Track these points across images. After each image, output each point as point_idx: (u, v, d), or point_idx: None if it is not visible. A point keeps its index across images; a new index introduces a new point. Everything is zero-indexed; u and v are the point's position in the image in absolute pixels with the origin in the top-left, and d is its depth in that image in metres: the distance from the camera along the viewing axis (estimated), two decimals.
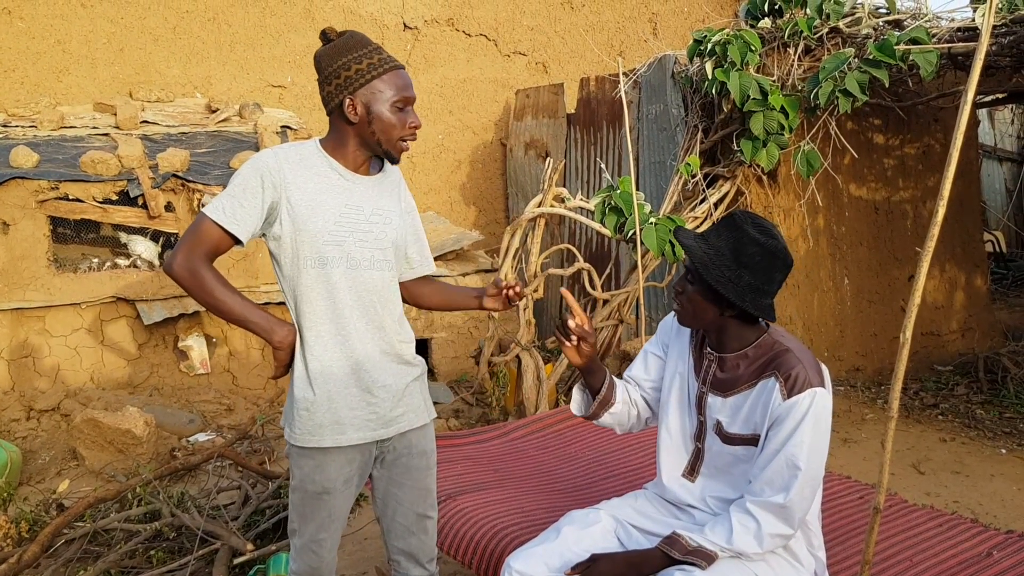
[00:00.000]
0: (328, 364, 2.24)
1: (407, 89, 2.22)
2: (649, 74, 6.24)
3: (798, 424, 2.07)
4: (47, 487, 4.72)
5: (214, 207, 2.17)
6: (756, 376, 2.19)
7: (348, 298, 2.24)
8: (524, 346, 5.30)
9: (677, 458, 2.39)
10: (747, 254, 2.13)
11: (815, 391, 2.08)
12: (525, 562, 2.28)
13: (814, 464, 2.08)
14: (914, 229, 6.58)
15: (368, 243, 2.27)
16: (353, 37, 2.22)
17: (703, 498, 2.33)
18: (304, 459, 2.28)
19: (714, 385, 2.28)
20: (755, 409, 2.18)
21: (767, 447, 2.13)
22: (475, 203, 8.64)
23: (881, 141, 6.42)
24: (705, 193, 5.59)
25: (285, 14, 7.71)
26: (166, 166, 5.76)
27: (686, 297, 2.22)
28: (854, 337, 6.31)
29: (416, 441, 2.40)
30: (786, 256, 2.18)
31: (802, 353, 2.16)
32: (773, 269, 2.16)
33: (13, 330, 5.51)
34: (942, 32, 4.79)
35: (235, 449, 4.95)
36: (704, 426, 2.32)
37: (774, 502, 2.08)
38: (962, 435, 5.23)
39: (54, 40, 7.05)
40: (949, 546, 2.73)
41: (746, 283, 2.13)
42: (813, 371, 2.12)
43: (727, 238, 2.17)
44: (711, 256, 2.16)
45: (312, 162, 2.25)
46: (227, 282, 2.19)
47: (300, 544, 2.35)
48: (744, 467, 2.23)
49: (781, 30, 5.26)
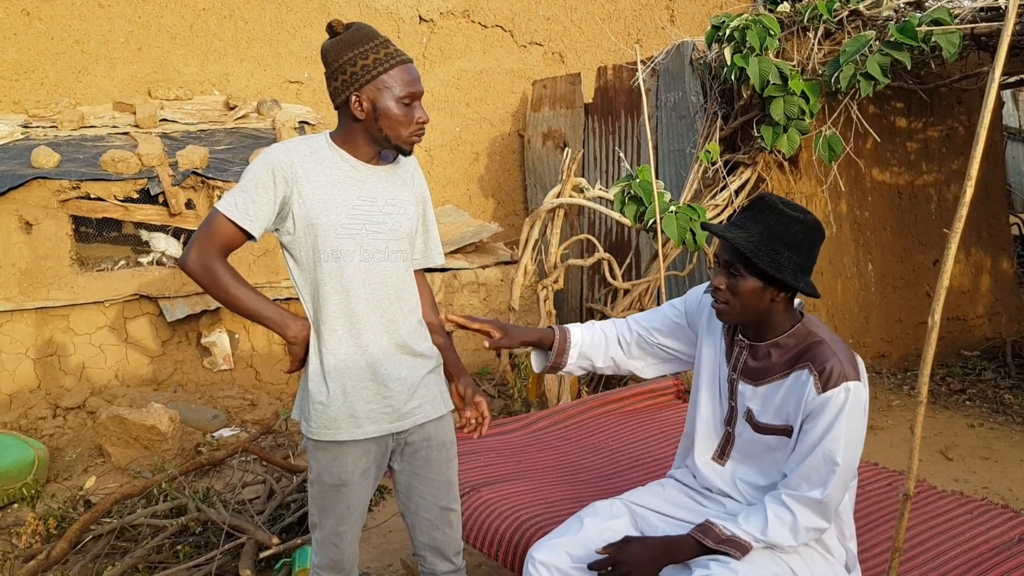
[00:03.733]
0: (342, 358, 2.23)
1: (414, 84, 2.19)
2: (667, 61, 6.19)
3: (834, 419, 2.04)
4: (74, 484, 4.76)
5: (226, 203, 2.17)
6: (789, 367, 2.15)
7: (362, 291, 2.22)
8: None
9: (707, 441, 2.36)
10: (790, 233, 2.08)
11: (850, 385, 2.04)
12: (548, 553, 2.27)
13: (850, 458, 2.05)
14: (938, 213, 6.49)
15: (383, 234, 2.25)
16: (360, 31, 2.18)
17: (733, 482, 2.30)
18: (321, 452, 2.28)
19: (745, 373, 2.24)
20: (788, 401, 2.15)
21: (803, 441, 2.09)
22: (494, 195, 8.62)
23: (904, 124, 6.34)
24: (725, 180, 5.54)
25: (301, 9, 7.72)
26: (186, 164, 5.79)
27: (730, 292, 2.14)
28: (879, 323, 6.24)
29: (434, 433, 2.39)
30: (821, 227, 2.15)
31: (836, 345, 2.12)
32: (815, 244, 2.13)
33: (38, 329, 5.56)
34: (965, 13, 4.71)
35: (259, 444, 4.98)
36: (735, 412, 2.28)
37: (811, 497, 2.05)
38: (990, 420, 5.17)
39: (73, 40, 7.09)
40: (979, 532, 2.70)
41: (795, 263, 2.09)
42: (848, 364, 2.08)
43: (764, 222, 2.11)
44: (755, 243, 2.09)
45: (323, 155, 2.23)
46: (241, 277, 2.20)
47: (321, 537, 2.36)
48: (775, 456, 2.20)
49: (800, 14, 5.19)
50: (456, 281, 6.45)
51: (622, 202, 5.23)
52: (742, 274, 2.12)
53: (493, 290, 6.55)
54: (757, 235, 2.10)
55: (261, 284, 5.89)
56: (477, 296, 6.51)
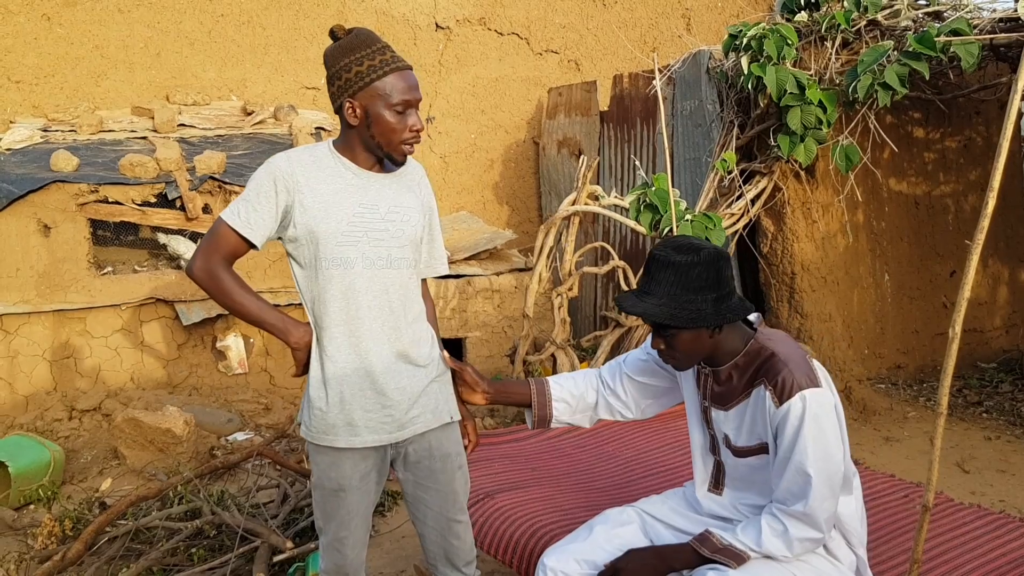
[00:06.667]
0: (342, 366, 2.24)
1: (409, 91, 2.17)
2: (683, 70, 6.19)
3: (797, 431, 2.05)
4: (89, 486, 4.78)
5: (230, 212, 2.19)
6: (748, 386, 2.17)
7: (364, 299, 2.23)
8: (559, 344, 5.28)
9: (703, 473, 2.39)
10: (693, 279, 2.09)
11: (805, 394, 2.05)
12: (558, 559, 2.30)
13: (824, 467, 2.04)
14: (955, 224, 6.45)
15: (385, 242, 2.24)
16: (358, 36, 2.18)
17: (735, 507, 2.31)
18: (320, 456, 2.29)
19: (714, 399, 2.27)
20: (756, 419, 2.17)
21: (777, 457, 2.12)
22: (508, 202, 8.63)
23: (921, 135, 6.31)
24: (741, 189, 5.53)
25: (318, 16, 7.76)
26: (203, 168, 5.82)
27: (673, 350, 2.18)
28: (895, 334, 6.21)
29: (436, 444, 2.37)
30: (720, 251, 2.14)
31: (789, 355, 2.12)
32: (720, 272, 2.12)
33: (55, 331, 5.60)
34: (983, 23, 4.69)
35: (273, 448, 4.98)
36: (716, 440, 2.31)
37: (796, 510, 2.07)
38: (1007, 433, 5.13)
39: (92, 45, 7.15)
40: (997, 545, 2.68)
41: (711, 300, 2.10)
42: (800, 372, 2.08)
43: (665, 281, 2.12)
44: (666, 307, 2.10)
45: (325, 163, 2.23)
46: (245, 284, 2.23)
47: (326, 542, 2.37)
48: (765, 474, 2.21)
49: (818, 24, 5.19)
50: (470, 287, 6.45)
51: (637, 210, 5.23)
52: (672, 333, 2.14)
53: (507, 297, 6.55)
54: (666, 297, 2.11)
55: (276, 288, 5.91)
56: (491, 303, 6.52)
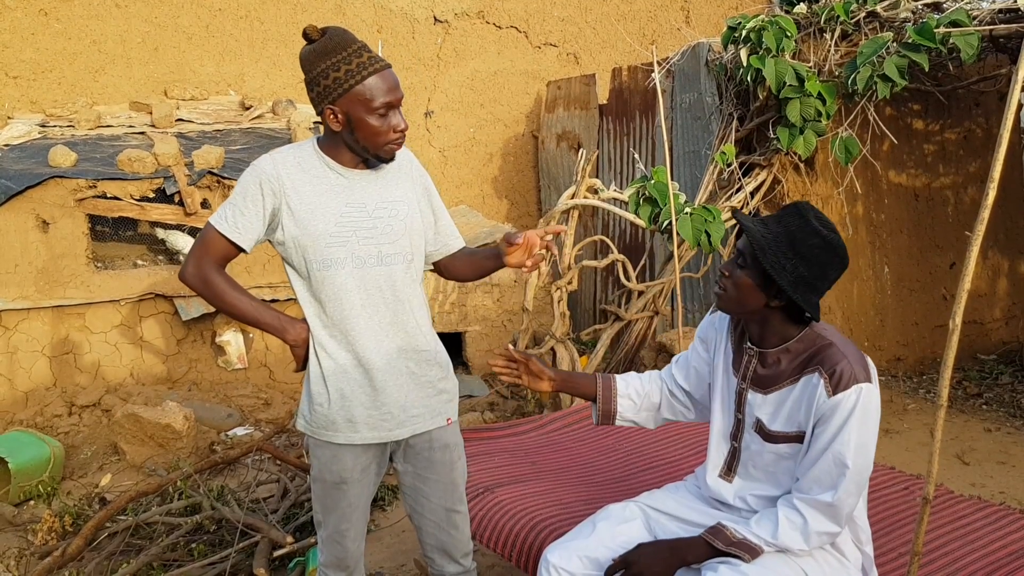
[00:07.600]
0: (341, 363, 2.24)
1: (390, 93, 2.14)
2: (683, 62, 6.18)
3: (845, 421, 2.02)
4: (89, 481, 4.79)
5: (218, 216, 2.19)
6: (799, 372, 2.13)
7: (357, 298, 2.22)
8: (559, 338, 5.28)
9: (717, 458, 2.36)
10: (806, 244, 2.06)
11: (861, 387, 2.03)
12: (561, 555, 2.28)
13: (861, 461, 2.03)
14: (955, 216, 6.45)
15: (374, 239, 2.23)
16: (332, 39, 2.13)
17: (742, 498, 2.28)
18: (320, 449, 2.30)
19: (754, 381, 2.23)
20: (799, 406, 2.13)
21: (814, 445, 2.08)
22: (507, 196, 8.62)
23: (921, 127, 6.30)
24: (741, 182, 5.52)
25: (316, 10, 7.74)
26: (201, 163, 5.81)
27: (732, 281, 2.14)
28: (895, 326, 6.21)
29: (437, 435, 2.37)
30: (844, 254, 2.10)
31: (846, 347, 2.10)
32: (829, 265, 2.08)
33: (54, 327, 5.59)
34: (983, 14, 4.68)
35: (273, 443, 4.98)
36: (742, 424, 2.27)
37: (822, 500, 2.04)
38: (1007, 425, 5.13)
39: (90, 40, 7.13)
40: (997, 537, 2.68)
41: (800, 274, 2.06)
42: (859, 366, 2.06)
43: (787, 224, 2.09)
44: (769, 240, 2.08)
45: (310, 164, 2.22)
46: (238, 286, 2.24)
47: (325, 536, 2.37)
48: (788, 464, 2.18)
49: (817, 15, 5.17)
50: (470, 281, 6.45)
51: (637, 203, 5.22)
52: (746, 266, 2.11)
53: (507, 291, 6.54)
54: (774, 235, 2.09)
55: (275, 283, 5.91)
56: (491, 297, 6.51)
